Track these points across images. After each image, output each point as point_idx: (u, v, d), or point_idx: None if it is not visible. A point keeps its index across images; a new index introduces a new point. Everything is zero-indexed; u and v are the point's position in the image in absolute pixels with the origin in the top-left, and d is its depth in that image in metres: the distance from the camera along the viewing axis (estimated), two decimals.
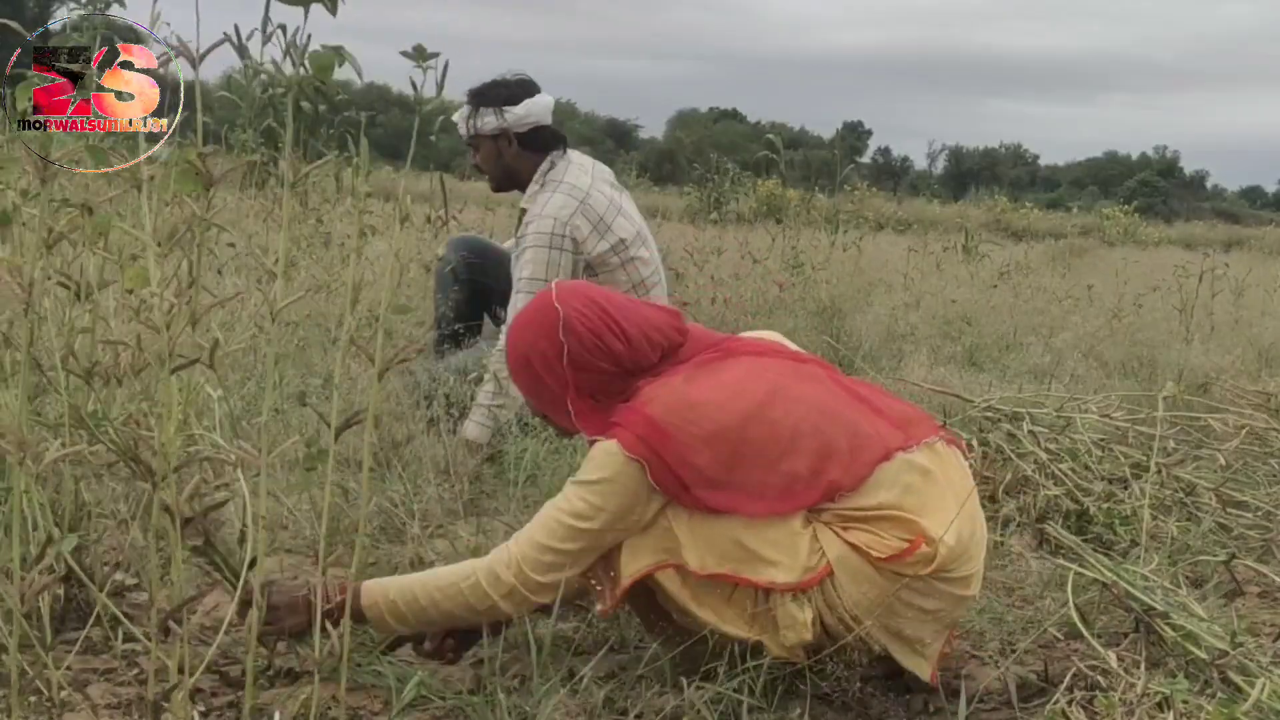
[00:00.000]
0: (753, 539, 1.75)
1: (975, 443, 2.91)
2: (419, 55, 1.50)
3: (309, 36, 1.45)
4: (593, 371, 1.86)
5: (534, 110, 3.32)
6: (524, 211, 3.30)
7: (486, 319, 3.59)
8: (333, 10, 1.44)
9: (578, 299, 1.88)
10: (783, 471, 1.76)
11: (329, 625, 1.54)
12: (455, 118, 3.38)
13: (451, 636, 1.86)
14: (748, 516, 1.75)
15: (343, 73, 1.47)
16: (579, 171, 3.33)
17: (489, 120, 3.31)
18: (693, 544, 1.76)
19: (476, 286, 3.57)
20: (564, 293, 1.89)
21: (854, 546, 1.77)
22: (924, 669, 1.82)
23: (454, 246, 3.61)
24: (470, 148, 3.41)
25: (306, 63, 1.43)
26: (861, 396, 1.92)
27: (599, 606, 1.83)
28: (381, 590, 1.80)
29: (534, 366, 1.87)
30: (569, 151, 3.38)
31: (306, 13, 1.44)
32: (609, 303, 1.89)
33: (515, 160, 3.35)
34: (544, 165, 3.33)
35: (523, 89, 3.34)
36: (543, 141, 3.35)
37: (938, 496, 1.81)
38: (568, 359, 1.84)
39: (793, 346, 2.04)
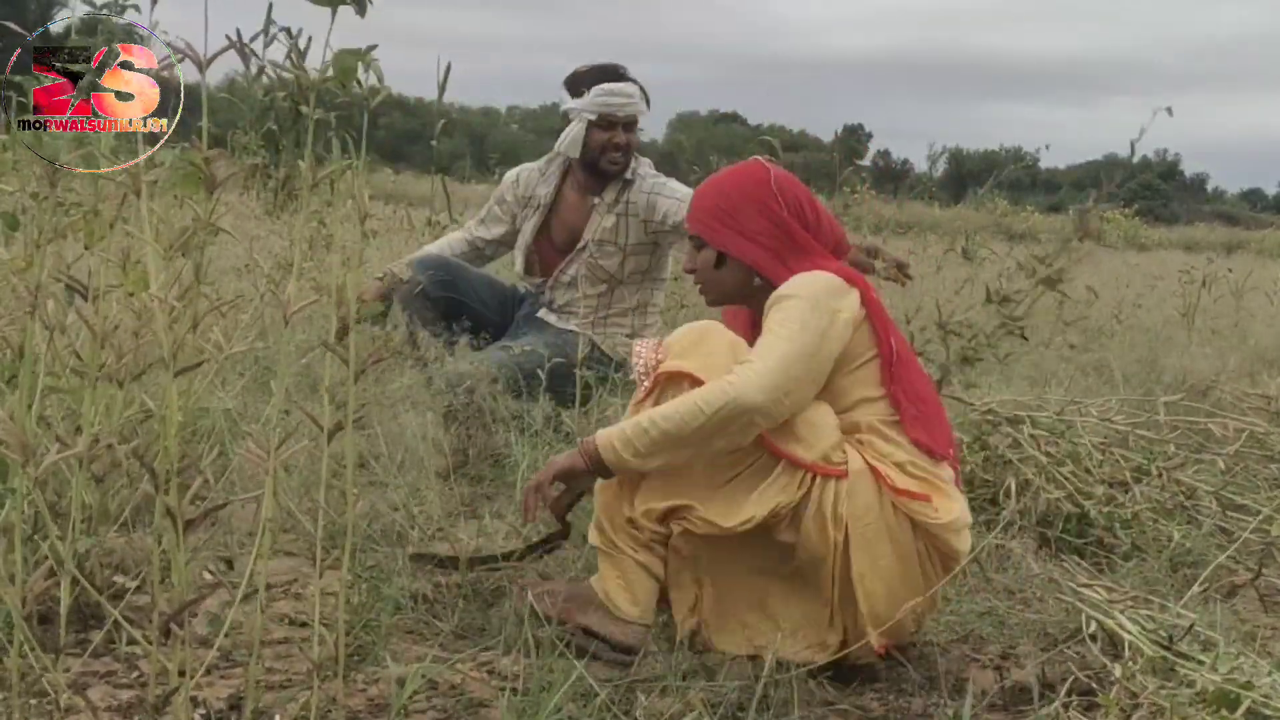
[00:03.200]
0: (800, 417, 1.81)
1: (976, 445, 2.91)
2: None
3: (310, 39, 1.44)
4: (780, 229, 1.93)
5: None
6: (615, 193, 3.46)
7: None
8: (361, 11, 1.41)
9: (781, 171, 2.00)
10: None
11: None
12: (638, 99, 3.44)
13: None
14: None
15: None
16: None
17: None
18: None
19: (450, 303, 3.51)
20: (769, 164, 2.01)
21: (873, 469, 1.82)
22: (874, 638, 1.82)
23: (421, 266, 3.53)
24: (622, 128, 3.43)
25: (330, 66, 1.39)
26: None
27: (637, 382, 1.88)
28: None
29: (742, 208, 1.94)
30: None
31: (335, 14, 1.40)
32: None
33: None
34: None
35: None
36: None
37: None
38: (778, 206, 1.94)
39: None
